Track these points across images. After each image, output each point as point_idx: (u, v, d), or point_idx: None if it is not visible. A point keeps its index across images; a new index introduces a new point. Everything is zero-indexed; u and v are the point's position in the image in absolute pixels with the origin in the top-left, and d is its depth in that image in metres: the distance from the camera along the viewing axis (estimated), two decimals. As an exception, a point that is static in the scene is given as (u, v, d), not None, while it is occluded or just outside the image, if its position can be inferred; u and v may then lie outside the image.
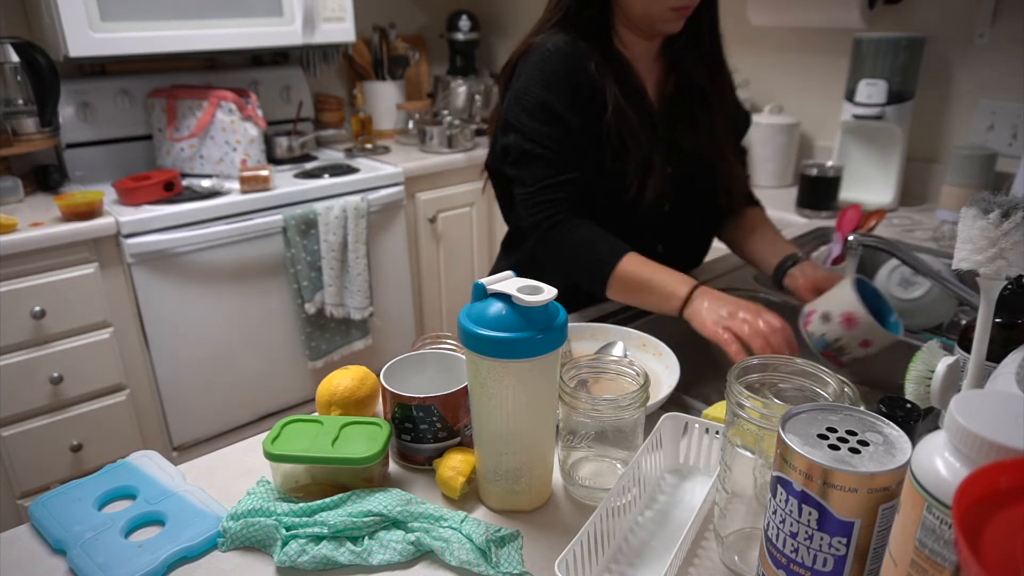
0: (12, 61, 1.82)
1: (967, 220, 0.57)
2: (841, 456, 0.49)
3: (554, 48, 1.08)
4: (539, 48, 1.09)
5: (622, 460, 0.73)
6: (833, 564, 0.50)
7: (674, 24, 1.08)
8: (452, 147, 2.39)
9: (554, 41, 1.09)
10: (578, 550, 0.59)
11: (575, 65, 1.08)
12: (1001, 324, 0.68)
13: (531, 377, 0.64)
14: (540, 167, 1.09)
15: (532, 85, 1.08)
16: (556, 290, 0.64)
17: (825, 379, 0.62)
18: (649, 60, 1.16)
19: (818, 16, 1.85)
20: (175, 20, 1.92)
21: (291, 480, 0.72)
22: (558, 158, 1.08)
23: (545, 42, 1.09)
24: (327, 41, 2.20)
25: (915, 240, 1.54)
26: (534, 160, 1.09)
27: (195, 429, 1.99)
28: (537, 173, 1.09)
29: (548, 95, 1.07)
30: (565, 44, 1.08)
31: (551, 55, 1.08)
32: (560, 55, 1.08)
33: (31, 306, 1.64)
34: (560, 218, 1.08)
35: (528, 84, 1.08)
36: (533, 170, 1.09)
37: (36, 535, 0.68)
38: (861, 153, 1.82)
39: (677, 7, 1.04)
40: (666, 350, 0.94)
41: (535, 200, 1.09)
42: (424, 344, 0.87)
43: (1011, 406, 0.42)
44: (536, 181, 1.09)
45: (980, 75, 1.70)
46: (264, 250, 1.97)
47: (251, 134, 2.08)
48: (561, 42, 1.08)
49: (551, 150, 1.08)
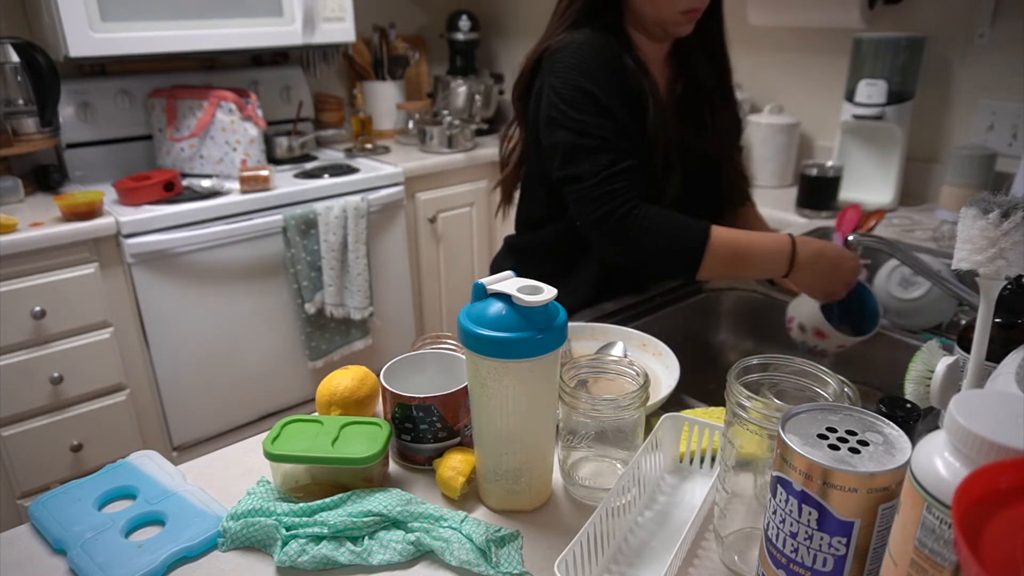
0: (12, 61, 1.82)
1: (967, 220, 0.57)
2: (841, 456, 0.49)
3: (585, 41, 1.06)
4: (568, 45, 1.06)
5: (622, 460, 0.73)
6: (833, 564, 0.50)
7: (685, 27, 1.08)
8: (452, 147, 2.39)
9: (583, 35, 1.06)
10: (578, 550, 0.59)
11: (610, 55, 1.06)
12: (1001, 324, 0.68)
13: (531, 377, 0.64)
14: (597, 159, 1.04)
15: (571, 78, 1.04)
16: (556, 290, 0.64)
17: (825, 379, 0.62)
18: (660, 62, 1.16)
19: (818, 16, 1.85)
20: (175, 20, 1.92)
21: (291, 480, 0.72)
22: (613, 147, 1.04)
23: (572, 39, 1.06)
24: (327, 41, 2.20)
25: (915, 240, 1.54)
26: (589, 153, 1.04)
27: (195, 429, 1.99)
28: (595, 166, 1.03)
29: (591, 86, 1.04)
30: (594, 38, 1.06)
31: (584, 47, 1.05)
32: (593, 47, 1.05)
33: (31, 306, 1.64)
34: (631, 207, 1.03)
35: (567, 79, 1.05)
36: (590, 164, 1.04)
37: (36, 535, 0.68)
38: (861, 153, 1.82)
39: (687, 10, 1.05)
40: (666, 350, 0.94)
41: (596, 193, 1.04)
42: (424, 344, 0.87)
43: (1011, 406, 0.42)
44: (595, 173, 1.03)
45: (980, 75, 1.70)
46: (264, 250, 1.97)
47: (251, 134, 2.08)
48: (589, 36, 1.06)
49: (605, 140, 1.04)
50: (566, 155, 1.06)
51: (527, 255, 1.28)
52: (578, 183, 1.05)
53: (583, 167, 1.04)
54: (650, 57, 1.14)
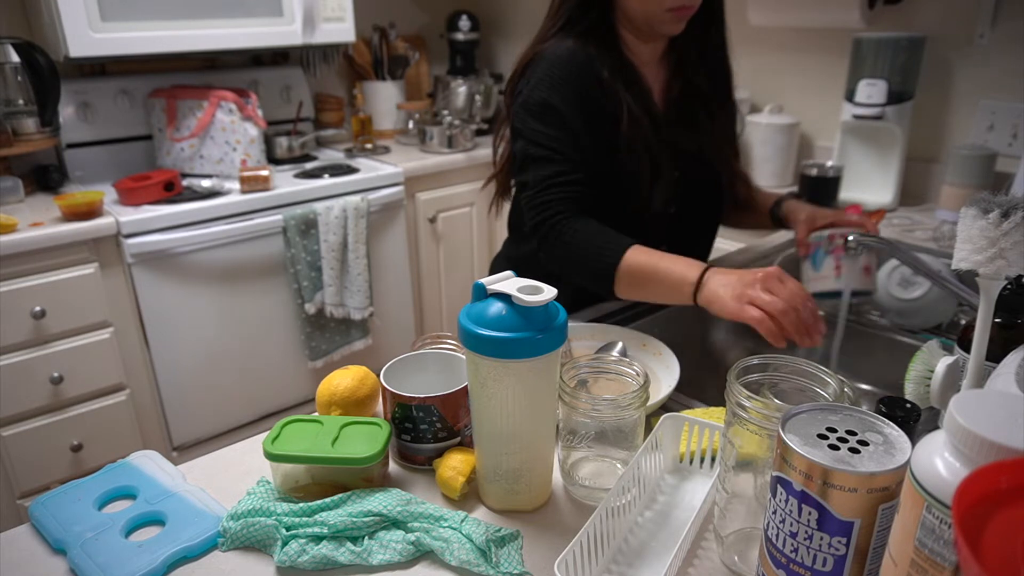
0: (12, 61, 1.82)
1: (967, 220, 0.57)
2: (841, 456, 0.49)
3: (563, 53, 1.08)
4: (546, 55, 1.09)
5: (622, 460, 0.73)
6: (833, 564, 0.50)
7: (673, 26, 1.07)
8: (452, 147, 2.39)
9: (563, 47, 1.08)
10: (578, 550, 0.59)
11: (585, 71, 1.07)
12: (1001, 324, 0.68)
13: (531, 377, 0.64)
14: (543, 168, 1.07)
15: (537, 89, 1.07)
16: (556, 290, 0.64)
17: (825, 379, 0.62)
18: (654, 63, 1.16)
19: (818, 16, 1.85)
20: (175, 20, 1.92)
21: (291, 480, 0.72)
22: (562, 159, 1.07)
23: (553, 48, 1.09)
24: (327, 41, 2.20)
25: (915, 240, 1.54)
26: (537, 162, 1.08)
27: (195, 429, 1.99)
28: (540, 174, 1.07)
29: (551, 97, 1.06)
30: (574, 50, 1.08)
31: (558, 60, 1.07)
32: (568, 60, 1.07)
33: (31, 306, 1.64)
34: (561, 218, 1.06)
35: (533, 89, 1.08)
36: (536, 172, 1.08)
37: (36, 535, 0.68)
38: (861, 153, 1.82)
39: (674, 8, 1.04)
40: (666, 350, 0.94)
41: (537, 201, 1.08)
42: (424, 344, 0.87)
43: (1011, 406, 0.42)
44: (539, 182, 1.07)
45: (980, 75, 1.70)
46: (264, 250, 1.97)
47: (251, 134, 2.08)
48: (569, 48, 1.08)
49: (555, 151, 1.07)
50: (521, 162, 1.11)
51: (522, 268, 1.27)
52: (525, 190, 1.11)
53: (530, 175, 1.09)
54: (643, 59, 1.14)
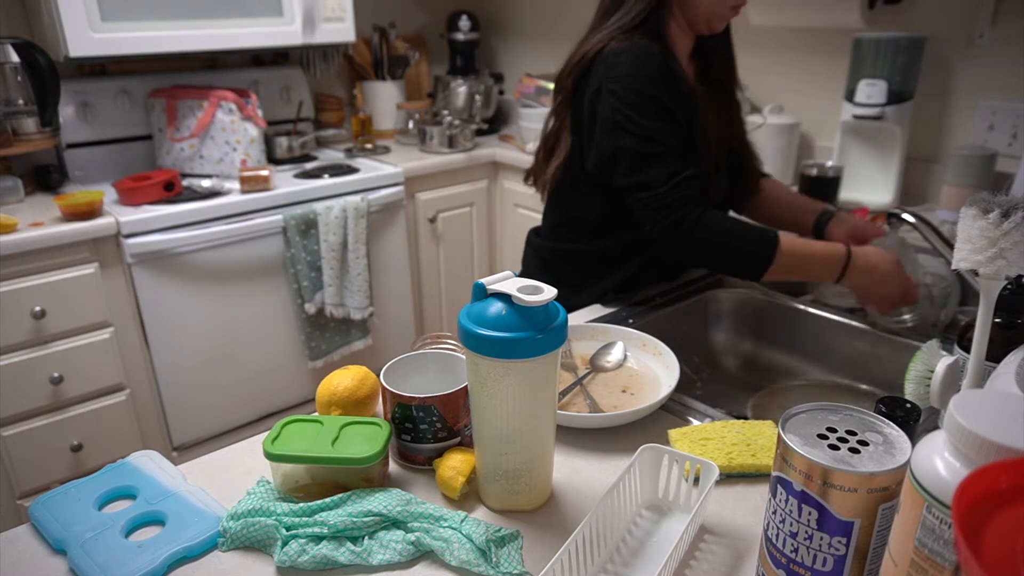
0: (12, 61, 1.82)
1: (967, 220, 0.57)
2: (841, 456, 0.49)
3: (643, 46, 1.07)
4: (625, 49, 1.07)
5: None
6: (833, 564, 0.50)
7: (726, 21, 1.13)
8: (452, 147, 2.39)
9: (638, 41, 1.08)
10: (566, 559, 0.59)
11: (666, 65, 1.08)
12: (1001, 324, 0.68)
13: (531, 377, 0.64)
14: (663, 166, 1.05)
15: (638, 84, 1.05)
16: (556, 290, 0.64)
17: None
18: (687, 60, 1.18)
19: (818, 16, 1.85)
20: (175, 20, 1.92)
21: (291, 480, 0.72)
22: (677, 154, 1.06)
23: (632, 44, 1.07)
24: (327, 41, 2.20)
25: (915, 240, 1.54)
26: (656, 160, 1.05)
27: (195, 429, 1.99)
28: (663, 173, 1.05)
29: (657, 92, 1.05)
30: (650, 44, 1.08)
31: (646, 54, 1.07)
32: (655, 55, 1.07)
33: (31, 306, 1.64)
34: (700, 211, 1.06)
35: (633, 84, 1.05)
36: (658, 170, 1.05)
37: (36, 535, 0.68)
38: (861, 153, 1.82)
39: (737, 4, 1.09)
40: (666, 350, 0.94)
41: (667, 200, 1.05)
42: (424, 344, 0.87)
43: (1011, 406, 0.42)
44: (664, 181, 1.05)
45: (980, 75, 1.70)
46: (264, 250, 1.97)
47: (251, 134, 2.08)
48: (646, 42, 1.08)
49: (669, 148, 1.06)
50: (631, 162, 1.07)
51: (561, 261, 1.26)
52: (647, 190, 1.06)
53: (651, 174, 1.05)
54: (684, 53, 1.16)
